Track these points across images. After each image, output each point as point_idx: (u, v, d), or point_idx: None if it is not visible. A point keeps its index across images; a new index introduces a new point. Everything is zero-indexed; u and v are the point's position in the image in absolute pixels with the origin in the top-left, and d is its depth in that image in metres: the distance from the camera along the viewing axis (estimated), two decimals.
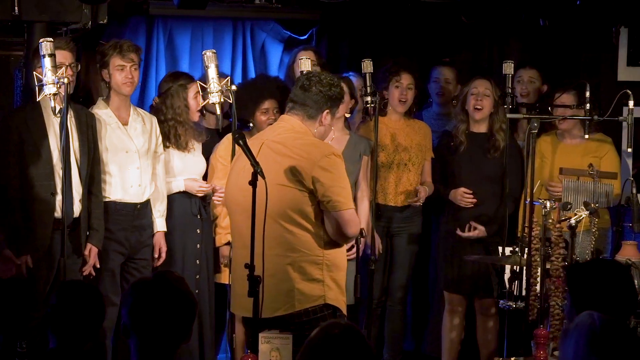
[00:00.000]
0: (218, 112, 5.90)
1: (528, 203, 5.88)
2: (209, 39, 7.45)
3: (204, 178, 6.47)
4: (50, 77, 5.38)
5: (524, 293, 5.72)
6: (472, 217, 6.74)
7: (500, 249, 6.21)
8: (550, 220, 5.58)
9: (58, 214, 5.76)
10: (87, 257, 5.93)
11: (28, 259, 5.77)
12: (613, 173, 6.56)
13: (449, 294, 6.94)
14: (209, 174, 6.48)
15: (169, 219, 6.32)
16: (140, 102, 7.07)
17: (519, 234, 6.20)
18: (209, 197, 6.40)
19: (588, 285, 4.04)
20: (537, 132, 5.98)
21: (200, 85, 6.12)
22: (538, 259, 5.60)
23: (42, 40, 5.47)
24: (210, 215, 6.48)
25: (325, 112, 5.05)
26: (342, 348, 3.07)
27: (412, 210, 6.91)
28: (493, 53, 8.05)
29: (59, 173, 5.73)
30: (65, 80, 5.40)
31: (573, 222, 5.51)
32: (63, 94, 5.42)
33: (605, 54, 7.77)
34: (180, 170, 6.37)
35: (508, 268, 5.91)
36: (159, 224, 6.26)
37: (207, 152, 6.52)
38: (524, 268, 5.71)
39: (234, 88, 5.79)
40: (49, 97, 5.41)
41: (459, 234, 6.74)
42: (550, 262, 5.56)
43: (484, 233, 6.71)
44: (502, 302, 5.87)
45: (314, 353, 3.09)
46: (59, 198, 5.74)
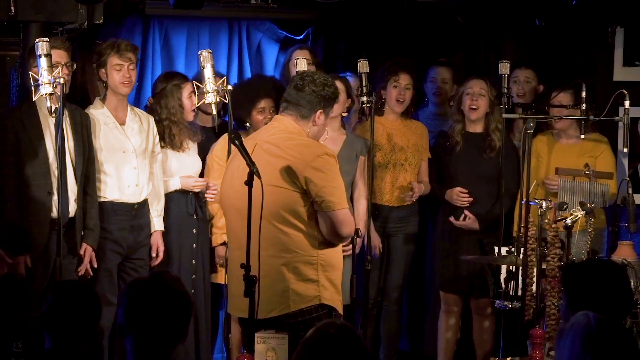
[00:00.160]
0: (214, 112, 5.90)
1: (524, 203, 5.89)
2: (205, 39, 7.45)
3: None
4: (47, 77, 5.38)
5: (520, 293, 5.73)
6: None
7: (497, 249, 6.22)
8: (546, 220, 5.58)
9: (54, 214, 5.76)
10: (82, 256, 5.92)
11: (27, 259, 5.77)
12: (609, 173, 6.57)
13: (445, 294, 6.94)
14: (205, 174, 6.47)
15: (165, 219, 6.32)
16: (137, 102, 7.06)
17: (515, 234, 6.21)
18: (203, 193, 6.39)
19: (584, 285, 4.05)
20: (533, 132, 5.98)
21: (195, 85, 6.13)
22: (534, 259, 5.60)
23: (38, 40, 5.47)
24: (207, 215, 6.48)
25: (319, 111, 5.04)
26: (337, 348, 3.06)
27: (408, 210, 6.91)
28: (489, 53, 8.05)
29: (55, 172, 5.74)
30: (62, 80, 5.40)
31: (569, 222, 5.51)
32: (59, 94, 5.42)
33: (601, 54, 7.76)
34: (176, 170, 6.37)
35: (504, 268, 5.91)
36: (157, 224, 6.26)
37: (203, 151, 6.52)
38: (520, 268, 5.72)
39: (230, 88, 5.79)
40: (45, 97, 5.41)
41: (452, 221, 6.74)
42: (546, 262, 5.56)
43: (476, 224, 6.70)
44: (498, 302, 5.88)
45: (310, 353, 3.08)
46: (55, 198, 5.74)
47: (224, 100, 5.83)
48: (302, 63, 6.06)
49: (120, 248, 6.14)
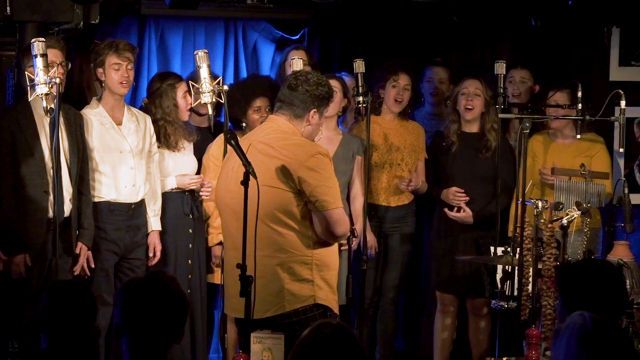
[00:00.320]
0: (210, 112, 5.90)
1: (520, 203, 5.89)
2: (201, 39, 7.45)
3: None
4: (42, 77, 5.38)
5: (516, 293, 5.73)
6: None
7: (492, 249, 6.22)
8: (542, 220, 5.58)
9: (50, 214, 5.76)
10: (77, 255, 5.92)
11: (26, 258, 5.77)
12: (605, 173, 6.57)
13: (441, 294, 6.94)
14: (202, 174, 6.46)
15: (161, 219, 6.31)
16: (132, 102, 7.05)
17: (511, 234, 6.21)
18: (198, 191, 6.38)
19: (579, 285, 4.04)
20: (529, 132, 5.99)
21: (191, 84, 6.12)
22: (530, 259, 5.61)
23: (34, 40, 5.46)
24: (203, 215, 6.48)
25: (312, 111, 5.03)
26: (333, 348, 3.06)
27: (404, 210, 6.91)
28: (485, 53, 8.06)
29: (51, 172, 5.73)
30: (57, 80, 5.40)
31: (565, 222, 5.52)
32: (55, 94, 5.42)
33: (597, 54, 7.77)
34: (173, 170, 6.37)
35: (500, 268, 5.91)
36: (154, 223, 6.26)
37: (199, 151, 6.52)
38: (516, 268, 5.72)
39: (226, 88, 5.79)
40: (41, 96, 5.40)
41: (446, 212, 6.74)
42: (542, 262, 5.56)
43: (470, 218, 6.70)
44: (494, 302, 5.87)
45: (306, 353, 3.08)
46: (51, 197, 5.74)
47: (220, 101, 5.83)
48: (298, 63, 6.06)
49: (117, 248, 6.14)
